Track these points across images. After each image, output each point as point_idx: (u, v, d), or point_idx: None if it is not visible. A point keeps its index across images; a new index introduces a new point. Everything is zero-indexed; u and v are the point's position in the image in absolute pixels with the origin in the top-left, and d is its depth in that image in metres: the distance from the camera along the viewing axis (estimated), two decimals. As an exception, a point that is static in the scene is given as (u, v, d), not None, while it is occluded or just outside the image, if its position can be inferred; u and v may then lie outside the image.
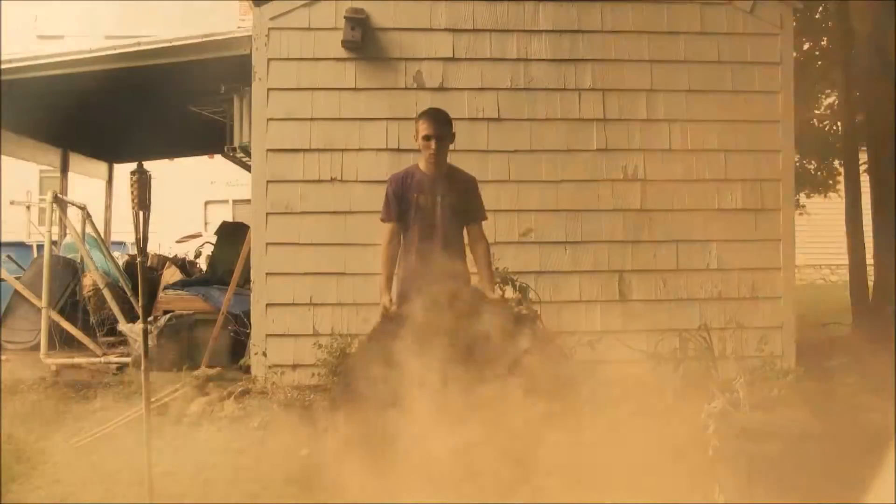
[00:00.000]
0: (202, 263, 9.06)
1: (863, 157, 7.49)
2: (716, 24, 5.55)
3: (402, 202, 3.83)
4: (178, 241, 11.50)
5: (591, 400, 4.71)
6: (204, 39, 5.82)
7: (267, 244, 5.31)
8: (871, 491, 1.31)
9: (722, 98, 5.55)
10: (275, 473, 3.87)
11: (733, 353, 5.43)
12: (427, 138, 3.79)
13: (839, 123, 8.67)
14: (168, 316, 6.05)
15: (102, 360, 6.11)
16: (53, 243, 6.81)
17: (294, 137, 5.31)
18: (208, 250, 8.71)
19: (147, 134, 8.41)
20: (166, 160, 11.65)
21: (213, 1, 16.51)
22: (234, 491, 3.65)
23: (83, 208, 7.23)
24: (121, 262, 7.90)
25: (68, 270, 7.11)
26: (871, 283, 6.58)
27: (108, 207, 10.08)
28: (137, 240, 3.05)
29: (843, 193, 8.14)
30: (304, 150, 5.32)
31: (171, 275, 7.65)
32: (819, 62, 8.82)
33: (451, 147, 4.02)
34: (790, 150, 5.64)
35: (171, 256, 9.17)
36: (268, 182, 5.30)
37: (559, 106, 5.45)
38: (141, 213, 3.00)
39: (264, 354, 5.22)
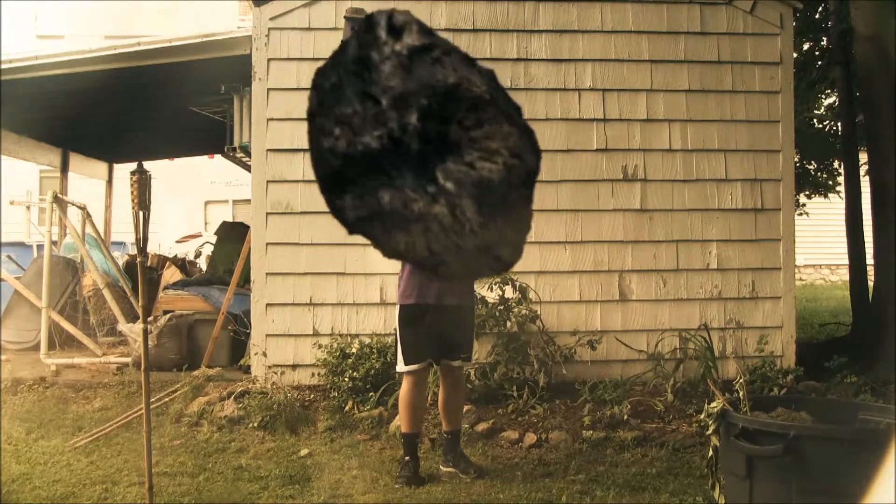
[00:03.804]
0: (202, 263, 9.07)
1: (863, 157, 7.49)
2: (716, 24, 5.55)
3: None
4: (178, 241, 11.50)
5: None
6: (204, 39, 5.81)
7: (267, 244, 5.30)
8: (872, 491, 1.31)
9: (722, 98, 5.55)
10: (274, 473, 3.87)
11: (733, 353, 5.44)
12: None
13: (839, 123, 8.67)
14: (168, 316, 6.06)
15: (102, 360, 6.12)
16: (53, 243, 6.82)
17: (294, 137, 5.30)
18: (208, 250, 8.72)
19: (147, 134, 8.43)
20: (166, 160, 11.66)
21: (213, 1, 16.51)
22: (234, 491, 3.65)
23: (83, 208, 7.24)
24: (121, 262, 7.91)
25: (68, 270, 7.12)
26: (871, 284, 6.58)
27: (108, 207, 10.08)
28: (137, 240, 3.05)
29: (843, 194, 8.14)
30: (304, 150, 5.23)
31: (171, 275, 7.66)
32: (819, 62, 8.82)
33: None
34: (790, 150, 5.64)
35: (171, 256, 9.18)
36: (268, 182, 5.30)
37: (559, 106, 5.45)
38: (141, 213, 2.99)
39: (264, 354, 5.22)
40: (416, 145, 1.19)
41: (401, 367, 3.77)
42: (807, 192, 10.66)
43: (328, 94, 1.22)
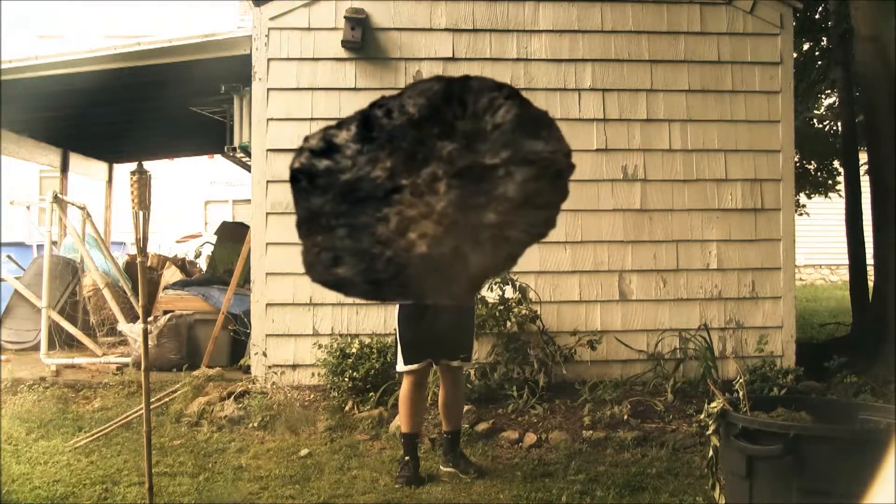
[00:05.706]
0: (202, 263, 9.08)
1: (863, 157, 7.49)
2: (716, 24, 5.55)
3: None
4: (178, 241, 11.52)
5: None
6: (204, 39, 5.82)
7: (267, 244, 5.30)
8: (872, 491, 1.31)
9: (722, 98, 5.55)
10: (274, 473, 3.87)
11: (733, 353, 5.44)
12: None
13: (839, 123, 8.67)
14: (168, 316, 6.06)
15: (102, 360, 6.12)
16: (53, 243, 6.82)
17: (294, 137, 5.30)
18: (208, 250, 8.73)
19: (147, 134, 8.44)
20: (166, 160, 11.68)
21: (213, 1, 16.52)
22: (234, 491, 3.65)
23: (83, 208, 7.24)
24: (121, 262, 7.91)
25: (68, 270, 7.12)
26: (871, 283, 6.58)
27: (108, 207, 10.09)
28: (137, 240, 3.05)
29: (843, 193, 8.14)
30: (304, 150, 5.30)
31: (171, 275, 7.67)
32: (819, 62, 8.82)
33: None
34: (790, 150, 5.64)
35: (171, 256, 9.18)
36: (268, 182, 5.30)
37: (559, 106, 5.45)
38: (141, 213, 2.99)
39: (264, 354, 5.22)
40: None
41: (400, 366, 3.77)
42: (807, 192, 10.66)
43: (364, 226, 1.15)
